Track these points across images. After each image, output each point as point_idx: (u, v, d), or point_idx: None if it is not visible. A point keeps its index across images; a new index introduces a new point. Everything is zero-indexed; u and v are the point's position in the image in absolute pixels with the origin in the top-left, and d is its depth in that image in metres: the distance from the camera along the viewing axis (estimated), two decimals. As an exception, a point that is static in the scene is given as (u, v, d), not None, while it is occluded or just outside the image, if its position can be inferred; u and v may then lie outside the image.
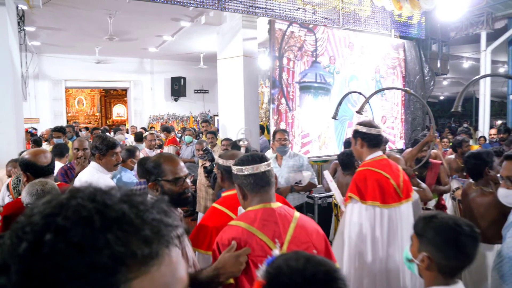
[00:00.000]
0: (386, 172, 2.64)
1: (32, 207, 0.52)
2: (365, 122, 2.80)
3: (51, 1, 6.38)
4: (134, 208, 0.52)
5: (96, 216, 0.49)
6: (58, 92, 12.35)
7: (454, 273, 1.48)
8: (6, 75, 4.91)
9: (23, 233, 0.49)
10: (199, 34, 9.68)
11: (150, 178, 1.95)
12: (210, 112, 14.24)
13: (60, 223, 0.48)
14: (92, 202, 0.51)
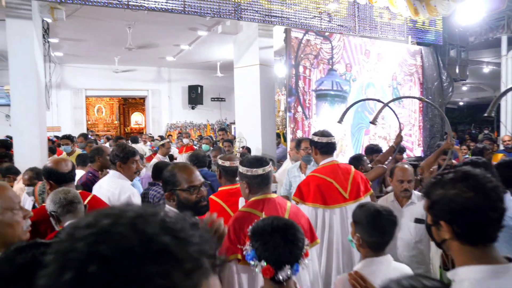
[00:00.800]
0: (330, 177, 2.97)
1: (74, 230, 0.54)
2: (318, 132, 3.18)
3: (73, 14, 6.58)
4: (176, 240, 0.53)
5: (139, 248, 0.50)
6: (79, 101, 12.66)
7: (380, 248, 1.89)
8: (31, 85, 5.07)
9: (67, 260, 0.50)
10: (216, 43, 9.80)
11: (166, 188, 2.00)
12: (227, 120, 14.35)
13: (104, 253, 0.49)
14: (134, 232, 0.52)
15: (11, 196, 1.56)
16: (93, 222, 0.53)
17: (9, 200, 1.54)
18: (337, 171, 3.01)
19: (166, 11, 5.31)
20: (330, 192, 2.94)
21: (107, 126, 18.18)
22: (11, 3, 4.90)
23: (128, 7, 5.10)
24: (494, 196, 1.20)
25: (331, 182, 2.96)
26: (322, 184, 2.95)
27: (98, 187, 2.87)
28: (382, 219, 1.87)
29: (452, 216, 1.23)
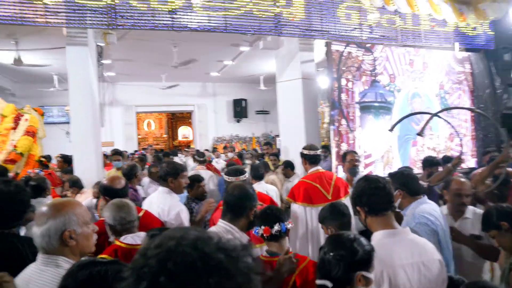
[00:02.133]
0: (316, 182, 3.70)
1: (146, 250, 0.67)
2: (307, 146, 4.00)
3: (123, 37, 7.00)
4: (229, 257, 0.65)
5: (199, 263, 0.62)
6: (129, 117, 13.32)
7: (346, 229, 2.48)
8: (87, 105, 5.46)
9: (142, 273, 0.63)
10: (258, 57, 9.98)
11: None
12: (272, 132, 14.45)
13: (171, 268, 0.62)
14: (195, 250, 0.64)
15: (85, 210, 1.75)
16: (161, 243, 0.67)
17: (86, 215, 1.72)
18: (321, 177, 3.75)
19: (208, 30, 5.51)
20: (315, 194, 3.64)
21: (156, 140, 18.91)
22: (70, 32, 5.34)
23: (173, 28, 5.35)
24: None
25: (316, 186, 3.68)
26: (309, 188, 3.67)
27: (149, 203, 3.01)
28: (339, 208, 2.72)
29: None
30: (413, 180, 2.78)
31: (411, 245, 1.91)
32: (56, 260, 1.62)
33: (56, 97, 11.87)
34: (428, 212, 2.59)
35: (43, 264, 1.63)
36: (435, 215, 2.61)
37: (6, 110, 5.95)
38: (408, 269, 1.82)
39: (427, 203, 2.71)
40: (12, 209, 2.04)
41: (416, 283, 1.82)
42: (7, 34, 7.21)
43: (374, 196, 1.94)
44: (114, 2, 5.00)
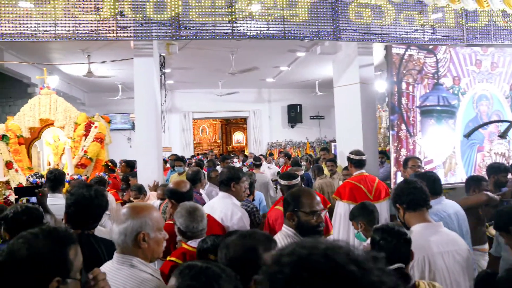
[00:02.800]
0: (360, 183, 4.23)
1: (280, 257, 0.70)
2: (353, 151, 4.52)
3: (185, 47, 7.29)
4: (361, 269, 0.65)
5: (330, 273, 0.63)
6: (187, 123, 13.81)
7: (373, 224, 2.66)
8: (150, 113, 5.75)
9: (277, 279, 0.66)
10: (314, 62, 9.95)
11: (288, 208, 2.17)
12: (326, 137, 14.30)
13: (305, 276, 0.64)
14: (327, 260, 0.65)
15: (160, 217, 1.85)
16: (293, 251, 0.69)
17: (161, 222, 1.83)
18: (365, 179, 4.29)
19: (267, 38, 5.60)
20: (359, 193, 4.13)
21: (211, 145, 19.37)
22: (137, 44, 5.67)
23: (233, 37, 5.50)
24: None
25: (360, 187, 4.20)
26: (354, 188, 4.19)
27: (210, 208, 3.08)
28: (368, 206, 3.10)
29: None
30: (431, 182, 2.98)
31: (445, 236, 2.28)
32: (131, 260, 1.72)
33: (119, 105, 12.63)
34: (442, 210, 2.94)
35: (119, 263, 1.74)
36: (448, 212, 2.95)
37: (79, 118, 6.41)
38: (445, 256, 2.17)
39: (441, 203, 3.01)
40: (92, 212, 2.17)
41: (451, 269, 2.16)
42: (81, 49, 7.81)
43: (412, 194, 2.31)
44: (178, 14, 5.25)
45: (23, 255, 1.17)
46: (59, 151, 6.60)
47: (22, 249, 1.18)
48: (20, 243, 1.20)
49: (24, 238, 1.22)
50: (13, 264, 1.17)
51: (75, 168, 6.00)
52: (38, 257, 1.18)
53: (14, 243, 1.21)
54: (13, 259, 1.17)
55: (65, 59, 8.85)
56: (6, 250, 1.19)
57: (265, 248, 1.55)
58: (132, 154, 11.03)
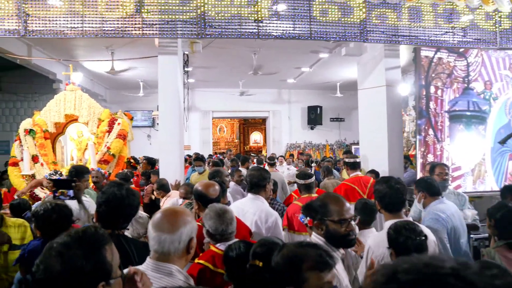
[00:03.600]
0: (354, 184, 4.60)
1: (396, 274, 0.62)
2: (349, 155, 5.36)
3: (208, 45, 7.27)
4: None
5: None
6: (206, 122, 13.83)
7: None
8: (174, 111, 5.74)
9: None
10: (336, 64, 9.83)
11: (315, 216, 2.06)
12: (346, 140, 14.13)
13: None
14: (459, 280, 0.57)
15: (196, 223, 1.80)
16: (414, 268, 0.61)
17: (195, 227, 1.78)
18: (360, 180, 4.64)
19: (293, 38, 5.53)
20: (353, 194, 4.46)
21: (228, 144, 19.35)
22: (162, 42, 5.66)
23: (259, 37, 5.44)
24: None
25: (354, 188, 4.58)
26: (348, 189, 4.58)
27: (241, 210, 3.00)
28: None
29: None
30: (432, 185, 3.30)
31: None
32: (170, 269, 1.67)
33: (140, 102, 12.73)
34: (441, 210, 3.13)
35: (155, 271, 1.67)
36: (447, 213, 3.11)
37: (103, 114, 6.45)
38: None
39: (443, 203, 3.23)
40: (123, 212, 2.12)
41: None
42: (105, 46, 7.88)
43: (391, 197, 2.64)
44: (203, 12, 5.22)
45: (60, 270, 1.12)
46: (82, 147, 6.65)
47: (57, 265, 1.12)
48: (54, 257, 1.13)
49: (56, 251, 1.15)
50: (52, 281, 1.12)
51: (98, 163, 6.03)
52: (76, 269, 1.13)
53: (47, 257, 1.14)
54: (51, 277, 1.11)
55: (89, 56, 8.96)
56: (42, 266, 1.13)
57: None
58: (152, 152, 11.08)
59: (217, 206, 2.41)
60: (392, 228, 2.21)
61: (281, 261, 1.50)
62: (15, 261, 2.26)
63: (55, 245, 1.16)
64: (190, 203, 3.39)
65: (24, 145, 6.14)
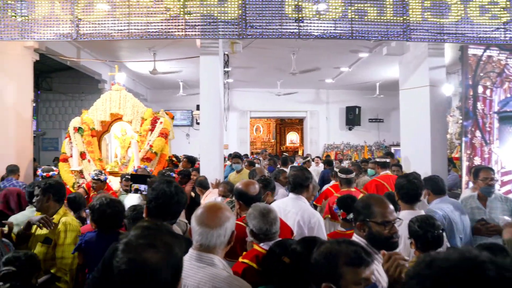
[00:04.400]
0: (383, 181, 5.16)
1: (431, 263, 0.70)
2: (382, 156, 6.15)
3: (248, 45, 7.33)
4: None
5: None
6: (244, 122, 13.95)
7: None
8: (215, 110, 5.84)
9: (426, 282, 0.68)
10: (376, 63, 9.64)
11: (358, 217, 2.05)
12: (385, 141, 13.82)
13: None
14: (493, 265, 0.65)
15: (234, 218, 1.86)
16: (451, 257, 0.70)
17: (235, 221, 1.89)
18: (389, 178, 5.13)
19: (334, 38, 5.47)
20: (382, 189, 4.87)
21: (264, 144, 19.39)
22: (204, 43, 5.78)
23: (299, 37, 5.43)
24: None
25: (383, 184, 5.09)
26: (378, 185, 5.11)
27: (283, 210, 3.00)
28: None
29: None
30: (436, 184, 3.52)
31: None
32: (213, 259, 1.77)
33: (179, 102, 13.03)
34: (439, 208, 3.35)
35: (198, 261, 1.77)
36: (445, 210, 3.32)
37: (146, 113, 6.66)
38: None
39: (445, 201, 3.47)
40: (171, 209, 2.16)
41: None
42: (148, 47, 8.14)
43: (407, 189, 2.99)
44: (244, 13, 5.28)
45: (154, 262, 1.13)
46: (126, 144, 6.90)
47: (153, 257, 1.13)
48: (147, 249, 1.14)
49: (150, 244, 1.15)
50: (140, 273, 1.12)
51: (141, 161, 6.24)
52: (172, 261, 1.18)
53: (134, 249, 1.14)
54: (140, 268, 1.12)
55: (132, 57, 9.27)
56: (127, 257, 1.12)
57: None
58: (190, 150, 11.31)
59: (261, 205, 2.43)
60: (413, 221, 2.49)
61: (318, 258, 1.54)
62: (74, 249, 2.41)
63: (150, 238, 1.17)
64: (231, 201, 3.44)
65: (73, 142, 6.45)
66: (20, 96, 6.65)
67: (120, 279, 1.12)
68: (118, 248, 1.15)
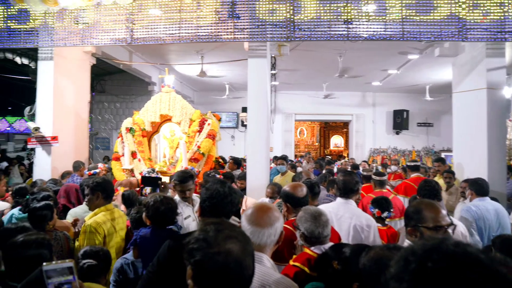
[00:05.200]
0: (413, 183, 5.24)
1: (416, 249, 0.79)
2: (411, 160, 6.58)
3: (295, 48, 7.33)
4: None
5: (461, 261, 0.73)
6: (289, 125, 13.92)
7: None
8: (262, 113, 5.88)
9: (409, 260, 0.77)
10: (427, 65, 9.30)
11: (409, 222, 2.00)
12: (434, 146, 13.28)
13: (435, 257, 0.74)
14: (456, 247, 0.76)
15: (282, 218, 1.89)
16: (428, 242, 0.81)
17: (283, 221, 1.91)
18: (419, 180, 4.67)
19: (384, 39, 5.34)
20: (412, 190, 4.97)
21: (308, 147, 19.24)
22: (252, 46, 5.84)
23: (348, 38, 5.35)
24: None
25: (413, 185, 5.17)
26: (407, 186, 5.33)
27: (335, 215, 2.99)
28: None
29: None
30: (481, 186, 3.97)
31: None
32: (261, 258, 1.80)
33: (225, 104, 13.24)
34: (475, 205, 3.86)
35: None
36: (480, 208, 3.80)
37: (194, 115, 6.82)
38: None
39: (483, 201, 3.90)
40: (224, 208, 2.16)
41: None
42: (196, 50, 8.34)
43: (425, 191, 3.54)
44: (292, 15, 5.28)
45: (238, 253, 1.18)
46: (174, 145, 7.08)
47: (237, 249, 1.19)
48: (230, 241, 1.19)
49: (231, 236, 1.20)
50: (226, 264, 1.17)
51: (189, 162, 6.39)
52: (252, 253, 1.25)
53: (217, 240, 1.18)
54: (225, 260, 1.16)
55: (181, 60, 9.54)
56: (212, 250, 1.16)
57: None
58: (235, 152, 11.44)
59: (312, 208, 2.42)
60: None
61: (368, 263, 1.54)
62: (129, 244, 2.52)
63: (227, 231, 1.22)
64: (280, 204, 3.44)
65: (125, 141, 6.72)
66: (78, 97, 7.05)
67: (207, 273, 1.16)
68: (195, 247, 1.18)
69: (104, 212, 3.07)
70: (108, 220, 3.05)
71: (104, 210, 3.09)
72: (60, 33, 5.90)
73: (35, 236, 2.01)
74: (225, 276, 1.15)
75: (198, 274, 1.17)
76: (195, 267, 1.17)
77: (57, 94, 6.46)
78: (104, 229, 2.93)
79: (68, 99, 6.78)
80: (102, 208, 3.10)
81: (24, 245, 1.92)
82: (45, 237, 2.04)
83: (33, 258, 1.90)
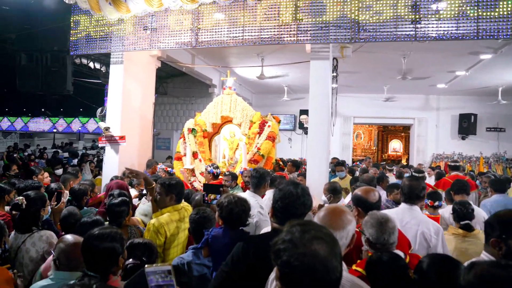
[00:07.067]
0: (452, 180, 5.36)
1: None
2: (452, 160, 8.08)
3: (357, 49, 7.17)
4: None
5: None
6: (347, 128, 13.67)
7: None
8: (323, 115, 5.82)
9: None
10: (501, 65, 8.71)
11: (492, 233, 1.88)
12: (506, 153, 12.36)
13: None
14: None
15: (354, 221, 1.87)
16: None
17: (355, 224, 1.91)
18: (457, 178, 5.43)
19: (456, 39, 5.06)
20: (449, 186, 5.02)
21: (365, 151, 18.74)
22: (314, 48, 5.80)
23: (416, 39, 5.14)
24: None
25: (450, 182, 5.23)
26: (446, 183, 5.73)
27: (399, 221, 2.81)
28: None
29: None
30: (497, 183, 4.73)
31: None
32: None
33: (283, 106, 13.25)
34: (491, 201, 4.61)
35: None
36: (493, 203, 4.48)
37: (255, 117, 6.89)
38: None
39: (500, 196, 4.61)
40: (296, 210, 2.12)
41: None
42: (256, 53, 8.44)
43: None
44: (357, 16, 5.17)
45: (325, 255, 1.18)
46: (234, 146, 7.20)
47: (322, 250, 1.19)
48: (316, 243, 1.19)
49: (315, 236, 1.20)
50: (311, 266, 1.17)
51: (248, 163, 6.46)
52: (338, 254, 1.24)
53: (300, 243, 1.18)
54: (311, 262, 1.16)
55: (241, 63, 9.69)
56: (297, 252, 1.17)
57: None
58: (292, 154, 11.44)
59: (378, 214, 2.36)
60: (455, 203, 3.59)
61: (475, 281, 1.37)
62: (201, 243, 2.59)
63: (313, 232, 1.22)
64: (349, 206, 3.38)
65: (187, 142, 6.94)
66: (144, 99, 7.41)
67: (294, 274, 1.16)
68: (282, 248, 1.19)
69: (169, 213, 3.12)
70: (173, 220, 3.09)
71: (171, 210, 3.15)
72: (130, 38, 6.24)
73: (109, 229, 2.14)
74: (312, 277, 1.15)
75: (285, 274, 1.18)
76: (282, 268, 1.18)
77: (125, 96, 6.83)
78: (166, 230, 3.00)
79: (134, 100, 7.14)
80: (169, 208, 3.15)
81: (100, 237, 2.05)
82: (117, 231, 2.16)
83: (107, 250, 2.03)
